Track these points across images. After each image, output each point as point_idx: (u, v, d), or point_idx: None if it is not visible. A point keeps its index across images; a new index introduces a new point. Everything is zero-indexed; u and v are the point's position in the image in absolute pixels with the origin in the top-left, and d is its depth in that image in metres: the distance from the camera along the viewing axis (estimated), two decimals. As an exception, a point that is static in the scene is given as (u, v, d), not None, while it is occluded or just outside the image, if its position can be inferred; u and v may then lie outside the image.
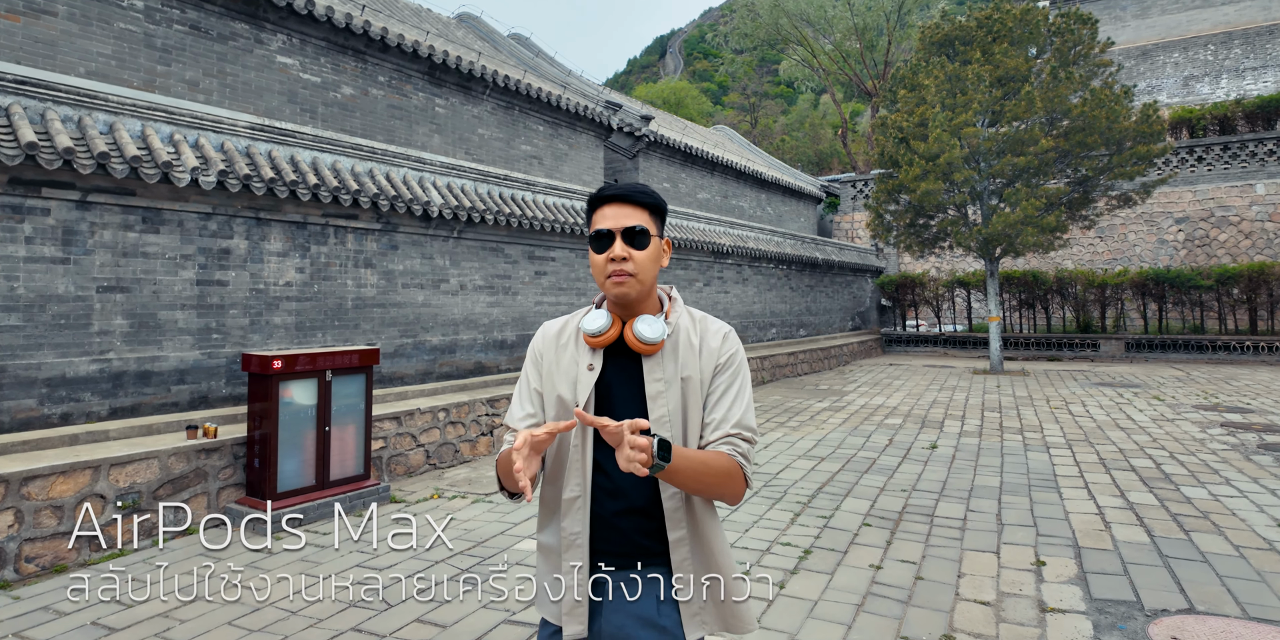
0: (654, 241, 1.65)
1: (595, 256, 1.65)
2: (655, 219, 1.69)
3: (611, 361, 1.67)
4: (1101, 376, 14.61)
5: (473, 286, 8.45)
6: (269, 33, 8.63)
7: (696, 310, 1.78)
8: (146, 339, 5.70)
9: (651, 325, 1.62)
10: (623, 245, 1.61)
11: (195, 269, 6.02)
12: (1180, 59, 23.64)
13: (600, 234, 1.63)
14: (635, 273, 1.61)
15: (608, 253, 1.61)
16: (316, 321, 6.88)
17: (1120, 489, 6.27)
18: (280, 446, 5.47)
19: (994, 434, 8.81)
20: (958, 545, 4.95)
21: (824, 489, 6.32)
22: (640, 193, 1.66)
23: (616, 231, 1.61)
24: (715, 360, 1.67)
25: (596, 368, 1.65)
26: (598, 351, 1.67)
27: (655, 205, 1.68)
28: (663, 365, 1.64)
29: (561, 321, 1.79)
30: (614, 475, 1.61)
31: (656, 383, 1.63)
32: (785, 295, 16.72)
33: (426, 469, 7.04)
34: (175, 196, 5.84)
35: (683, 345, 1.67)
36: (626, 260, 1.60)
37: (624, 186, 1.67)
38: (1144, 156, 13.66)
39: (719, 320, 1.76)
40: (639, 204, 1.66)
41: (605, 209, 1.66)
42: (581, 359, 1.67)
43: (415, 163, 7.85)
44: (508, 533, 5.21)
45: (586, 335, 1.65)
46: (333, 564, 4.64)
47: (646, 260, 1.62)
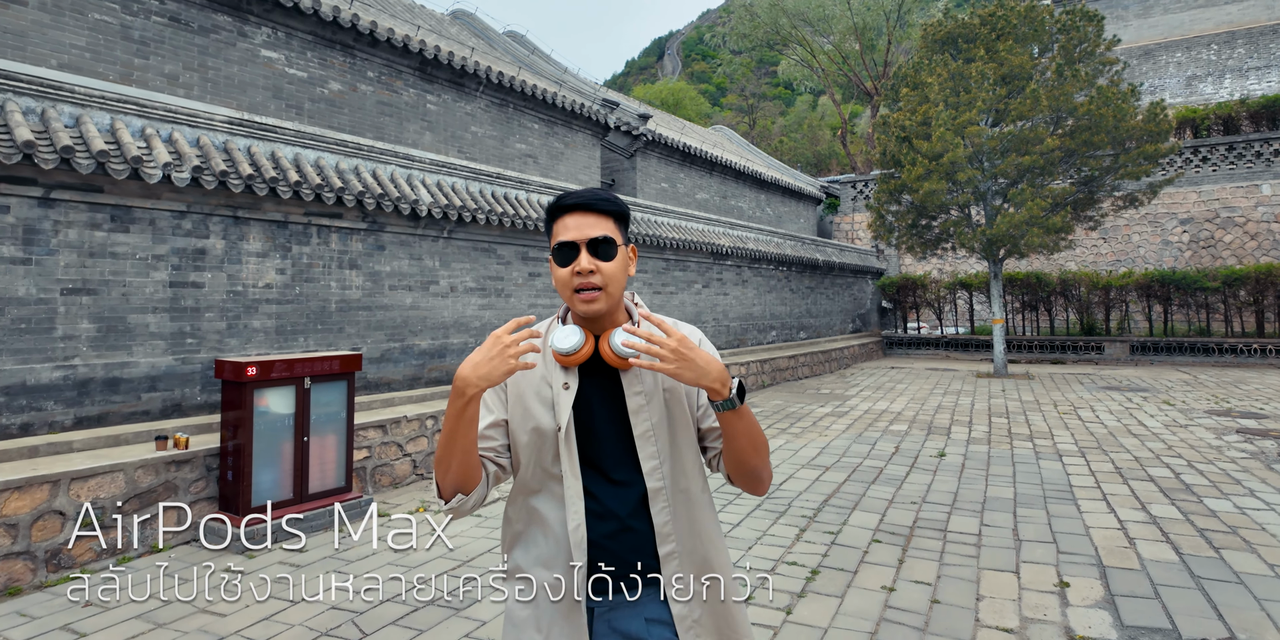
0: (620, 251, 1.55)
1: (559, 270, 1.53)
2: (620, 226, 1.58)
3: (585, 378, 1.57)
4: (1108, 380, 14.34)
5: (464, 288, 8.15)
6: (253, 26, 8.33)
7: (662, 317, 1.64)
8: (115, 344, 5.40)
9: (628, 339, 1.50)
10: (589, 257, 1.50)
11: (168, 270, 5.71)
12: (1183, 59, 23.40)
13: (563, 246, 1.52)
14: (604, 285, 1.51)
15: (573, 266, 1.50)
16: (298, 325, 6.57)
17: (1140, 501, 5.97)
18: (255, 458, 5.16)
19: (1003, 441, 8.52)
20: (974, 564, 4.65)
21: (830, 501, 6.02)
22: (603, 199, 1.55)
23: (581, 243, 1.51)
24: None
25: (573, 386, 1.55)
26: (571, 369, 1.56)
27: (620, 212, 1.58)
28: (641, 378, 1.56)
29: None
30: (602, 497, 1.53)
31: (637, 396, 1.55)
32: (785, 297, 16.44)
33: (413, 479, 6.73)
34: (146, 194, 5.54)
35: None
36: (594, 273, 1.50)
37: (585, 193, 1.55)
38: (1151, 156, 13.40)
39: (688, 324, 1.65)
40: (602, 212, 1.55)
41: (566, 219, 1.55)
42: (554, 378, 1.56)
43: (403, 160, 7.55)
44: (495, 550, 4.90)
45: (559, 354, 1.53)
46: (307, 585, 4.33)
47: (616, 271, 1.53)
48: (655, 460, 1.54)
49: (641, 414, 1.54)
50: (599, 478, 1.52)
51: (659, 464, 1.54)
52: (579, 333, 1.52)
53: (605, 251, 1.51)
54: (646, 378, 1.56)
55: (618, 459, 1.54)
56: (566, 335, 1.51)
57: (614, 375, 1.56)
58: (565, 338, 1.51)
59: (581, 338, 1.52)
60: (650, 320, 1.52)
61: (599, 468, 1.54)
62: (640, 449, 1.54)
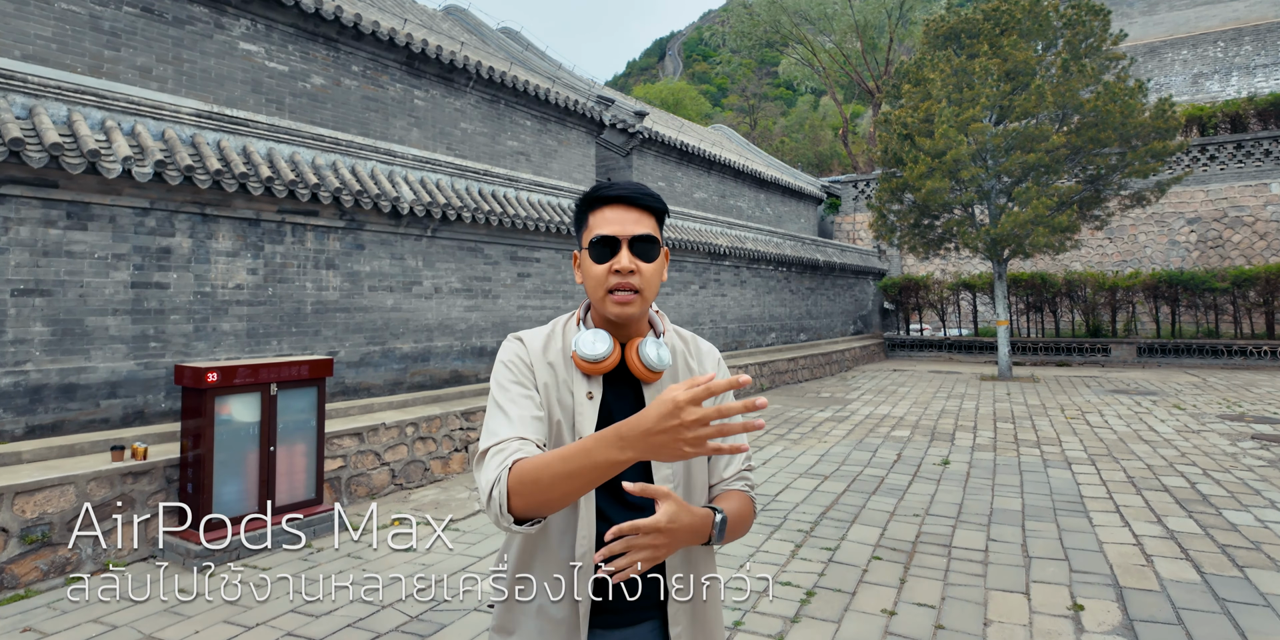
0: (660, 252, 1.45)
1: (594, 267, 1.42)
2: (659, 226, 1.49)
3: (606, 388, 1.47)
4: (1115, 383, 14.00)
5: (449, 289, 7.85)
6: (231, 17, 8.04)
7: (682, 329, 1.62)
8: (71, 348, 5.10)
9: (659, 351, 1.43)
10: (630, 256, 1.39)
11: (130, 270, 5.41)
12: (1189, 56, 23.06)
13: (603, 240, 1.40)
14: (642, 289, 1.41)
15: (611, 263, 1.40)
16: (271, 328, 6.28)
17: (1156, 513, 5.66)
18: (217, 469, 4.86)
19: (1009, 448, 8.20)
20: (981, 583, 4.34)
21: (828, 514, 5.71)
22: (648, 195, 1.45)
23: (624, 240, 1.40)
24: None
25: (597, 396, 1.44)
26: (595, 377, 1.46)
27: (663, 210, 1.49)
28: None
29: (542, 336, 1.52)
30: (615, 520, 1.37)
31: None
32: (785, 298, 16.12)
33: (392, 489, 6.43)
34: (106, 189, 5.25)
35: (681, 370, 1.53)
36: (634, 273, 1.39)
37: (630, 186, 1.44)
38: (1159, 153, 13.07)
39: (705, 341, 1.62)
40: (646, 208, 1.45)
41: (606, 211, 1.43)
42: (576, 385, 1.45)
43: (384, 156, 7.25)
44: (469, 569, 4.60)
45: (583, 361, 1.42)
46: (264, 608, 4.03)
47: (653, 274, 1.43)
48: (670, 484, 1.45)
49: None
50: (611, 498, 1.42)
51: (675, 487, 1.45)
52: (609, 339, 1.42)
53: (646, 251, 1.41)
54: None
55: (632, 479, 1.40)
56: (594, 341, 1.41)
57: (635, 385, 1.47)
58: (593, 343, 1.41)
59: (611, 345, 1.41)
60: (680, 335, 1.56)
61: (612, 487, 1.42)
62: (655, 471, 1.45)
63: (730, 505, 1.42)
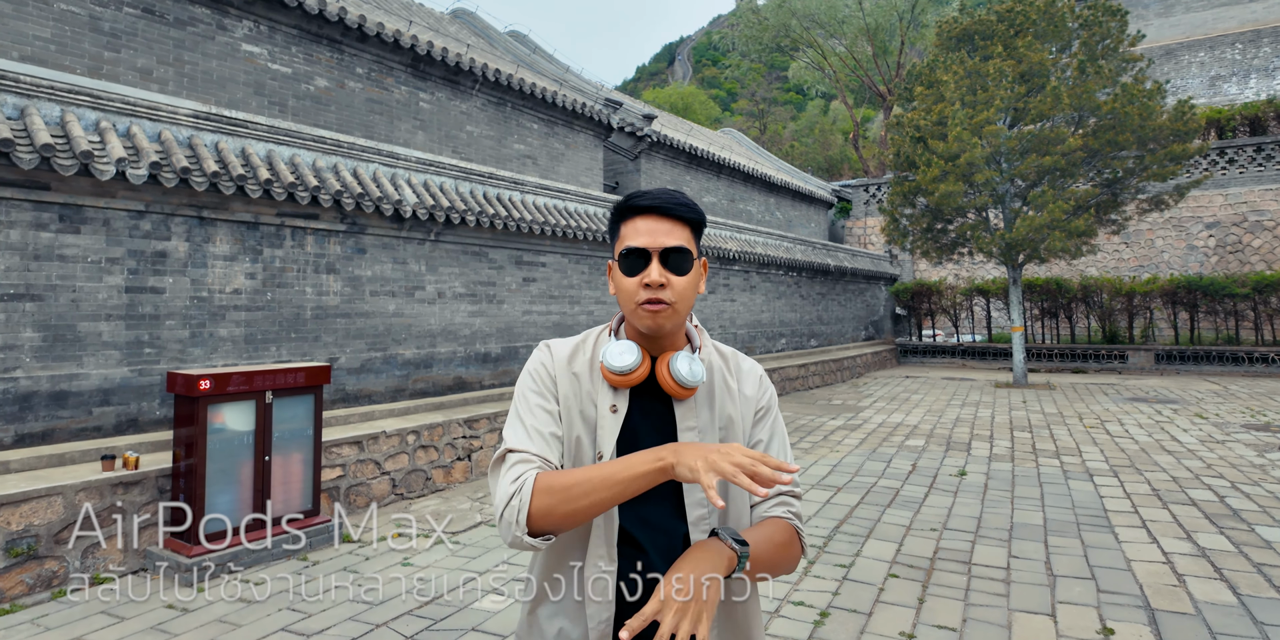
0: (695, 265, 1.39)
1: (624, 280, 1.37)
2: (695, 237, 1.42)
3: (634, 402, 1.40)
4: (1133, 390, 13.71)
5: (452, 294, 7.70)
6: (233, 18, 7.94)
7: (722, 345, 1.55)
8: (63, 354, 4.97)
9: (691, 365, 1.37)
10: (661, 269, 1.34)
11: (124, 274, 5.28)
12: (1206, 58, 22.73)
13: (633, 252, 1.35)
14: (674, 302, 1.34)
15: (641, 276, 1.34)
16: (270, 334, 6.14)
17: (1185, 529, 5.42)
18: (210, 480, 4.71)
19: (1028, 458, 7.96)
20: (1004, 604, 4.13)
21: (842, 528, 5.50)
22: (683, 205, 1.38)
23: (654, 252, 1.34)
24: (755, 406, 1.47)
25: (621, 410, 1.38)
26: (621, 390, 1.39)
27: (698, 221, 1.42)
28: (696, 411, 1.40)
29: (570, 345, 1.47)
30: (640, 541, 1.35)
31: (690, 432, 1.39)
32: (795, 303, 15.91)
33: (392, 499, 6.27)
34: (99, 192, 5.12)
35: (718, 388, 1.45)
36: (664, 287, 1.33)
37: (663, 195, 1.38)
38: (1178, 156, 12.80)
39: (748, 358, 1.55)
40: (680, 218, 1.38)
41: (638, 221, 1.37)
42: (601, 398, 1.39)
43: (387, 158, 7.12)
44: (469, 585, 4.43)
45: (610, 372, 1.36)
46: (255, 626, 3.87)
47: (687, 287, 1.36)
48: (704, 509, 1.36)
49: None
50: (635, 519, 1.35)
51: (707, 514, 1.36)
52: (637, 351, 1.37)
53: (679, 264, 1.35)
54: (702, 411, 1.40)
55: (659, 500, 1.35)
56: (622, 352, 1.36)
57: (665, 401, 1.40)
58: (621, 355, 1.36)
59: (639, 357, 1.36)
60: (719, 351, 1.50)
61: (635, 508, 1.34)
62: (687, 494, 1.36)
63: (760, 535, 1.32)
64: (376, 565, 4.79)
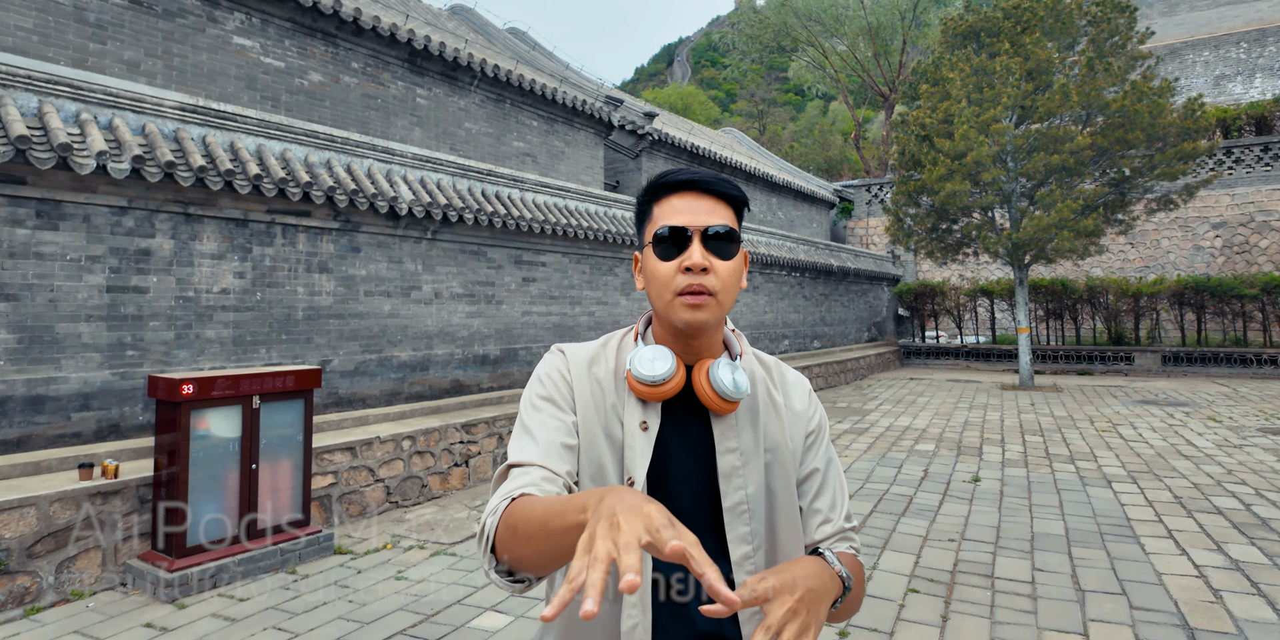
0: (740, 251, 1.19)
1: (659, 265, 1.16)
2: (739, 221, 1.22)
3: (666, 419, 1.19)
4: (1142, 393, 13.50)
5: (449, 294, 7.46)
6: (224, 11, 7.71)
7: (764, 354, 1.34)
8: (40, 357, 4.73)
9: (734, 375, 1.15)
10: (704, 251, 1.14)
11: (106, 273, 5.05)
12: (1211, 57, 22.54)
13: (671, 233, 1.15)
14: (718, 291, 1.14)
15: (680, 259, 1.14)
16: (259, 335, 5.90)
17: (1214, 540, 5.20)
18: (193, 489, 4.47)
19: (1042, 463, 7.74)
20: (1032, 622, 3.90)
21: (856, 538, 5.27)
22: (726, 181, 1.20)
23: (695, 231, 1.15)
24: (805, 426, 1.27)
25: (654, 427, 1.17)
26: (652, 404, 1.18)
27: (743, 202, 1.22)
28: (738, 430, 1.19)
29: (589, 351, 1.26)
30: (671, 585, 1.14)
31: (731, 454, 1.17)
32: (798, 304, 15.69)
33: (387, 508, 6.03)
34: (79, 186, 4.88)
35: (762, 404, 1.24)
36: (708, 272, 1.13)
37: (702, 171, 1.19)
38: (1188, 155, 12.60)
39: (792, 368, 1.35)
40: (724, 196, 1.19)
41: (674, 199, 1.18)
42: (628, 414, 1.17)
43: (382, 154, 6.89)
44: (466, 601, 4.19)
45: (639, 382, 1.15)
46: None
47: (731, 276, 1.16)
48: (749, 545, 1.15)
49: (735, 480, 1.16)
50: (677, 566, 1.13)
51: (752, 551, 1.15)
52: (671, 357, 1.16)
53: (723, 248, 1.15)
54: (744, 430, 1.19)
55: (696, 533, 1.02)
56: (654, 358, 1.15)
57: (703, 417, 1.19)
58: (652, 362, 1.15)
59: (674, 364, 1.15)
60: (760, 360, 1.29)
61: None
62: (729, 528, 1.15)
63: (851, 564, 1.16)
64: (369, 578, 4.56)
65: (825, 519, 1.22)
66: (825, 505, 1.22)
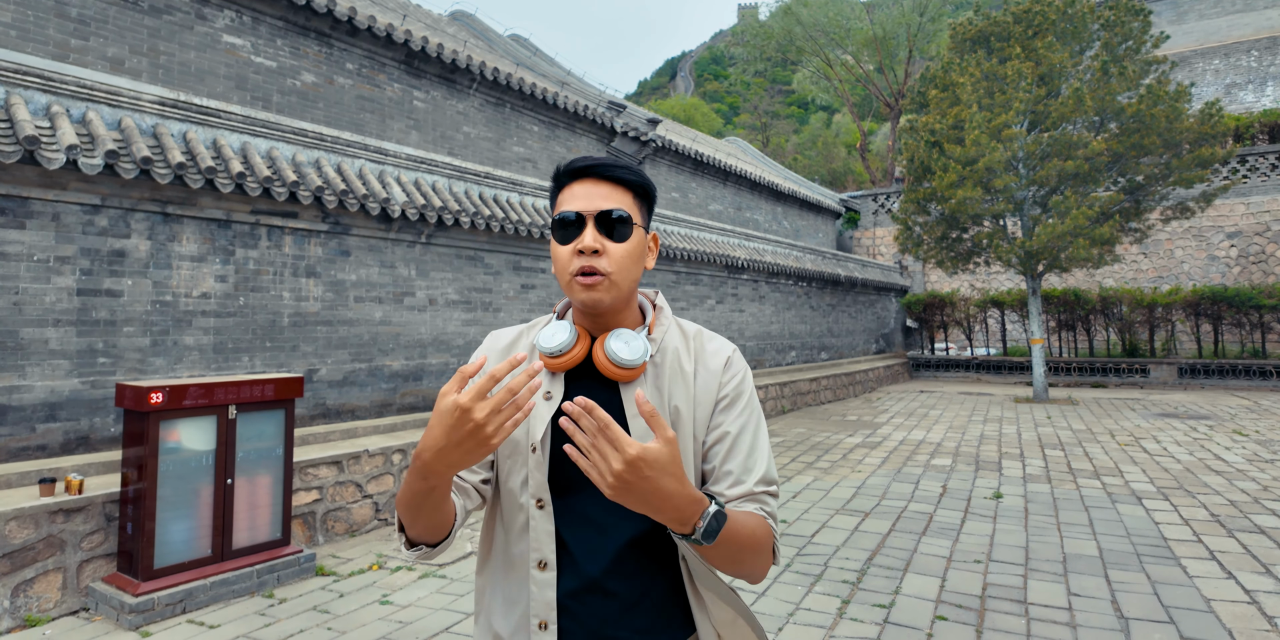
0: (637, 233, 1.23)
1: (558, 250, 1.22)
2: (641, 205, 1.27)
3: (576, 389, 1.23)
4: (1161, 406, 13.11)
5: (445, 301, 7.16)
6: (214, 8, 7.47)
7: (690, 323, 1.35)
8: (1, 364, 4.42)
9: (629, 343, 1.20)
10: (595, 234, 1.19)
11: (76, 275, 4.75)
12: (1221, 66, 22.30)
13: (565, 219, 1.21)
14: (610, 272, 1.19)
15: (574, 243, 1.20)
16: (242, 342, 5.59)
17: (1261, 561, 4.83)
18: (162, 506, 4.14)
19: (1066, 479, 7.37)
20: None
21: (875, 559, 4.91)
22: (621, 167, 1.24)
23: (588, 216, 1.20)
24: (716, 392, 1.25)
25: (556, 397, 1.23)
26: (558, 376, 1.25)
27: (641, 185, 1.26)
28: (646, 396, 1.12)
29: (514, 332, 1.37)
30: (570, 543, 1.20)
31: (640, 419, 1.19)
32: (805, 315, 15.36)
33: (375, 525, 5.69)
34: (48, 182, 4.60)
35: (669, 370, 1.26)
36: (599, 254, 1.18)
37: (599, 159, 1.24)
38: (1207, 160, 12.29)
39: (719, 337, 1.34)
40: (619, 181, 1.23)
41: (575, 186, 1.23)
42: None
43: (375, 154, 6.61)
44: (454, 629, 3.84)
45: (543, 355, 1.23)
46: (200, 682, 3.29)
47: (626, 257, 1.20)
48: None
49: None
50: (575, 520, 1.20)
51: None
52: (569, 329, 1.23)
53: (617, 230, 1.20)
54: (651, 393, 1.23)
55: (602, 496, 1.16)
56: (554, 333, 1.23)
57: (615, 389, 1.23)
58: (552, 335, 1.23)
59: (572, 337, 1.22)
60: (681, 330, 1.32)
61: (573, 503, 1.20)
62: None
63: (735, 515, 1.10)
64: (351, 603, 4.22)
65: (736, 480, 1.20)
66: (737, 467, 1.21)
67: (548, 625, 1.16)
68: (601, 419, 0.94)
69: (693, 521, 1.02)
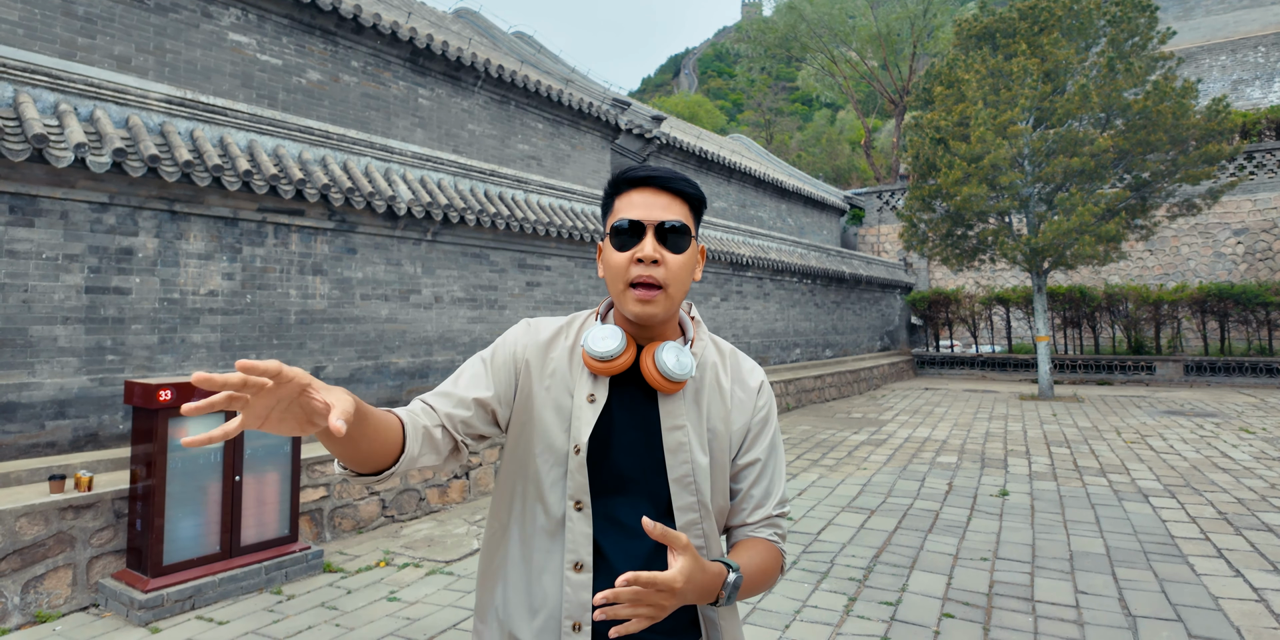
0: (692, 245, 1.25)
1: (614, 255, 1.23)
2: (695, 217, 1.29)
3: (615, 394, 1.25)
4: (1167, 403, 13.08)
5: (450, 298, 7.17)
6: (220, 6, 7.48)
7: (723, 341, 1.40)
8: (11, 361, 4.44)
9: (679, 357, 1.22)
10: (655, 244, 1.21)
11: (84, 273, 4.77)
12: (1228, 62, 22.19)
13: (625, 226, 1.22)
14: (667, 284, 1.20)
15: (633, 251, 1.21)
16: (249, 340, 5.60)
17: (1269, 560, 4.82)
18: (171, 503, 4.16)
19: (1072, 476, 7.36)
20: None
21: (881, 557, 4.92)
22: (682, 179, 1.26)
23: (649, 225, 1.21)
24: (750, 415, 1.31)
25: (600, 400, 1.24)
26: (601, 379, 1.25)
27: (698, 199, 1.29)
28: (684, 409, 1.25)
29: (554, 327, 1.33)
30: (607, 550, 1.21)
31: (678, 431, 1.23)
32: (810, 312, 15.34)
33: (382, 522, 5.71)
34: (56, 181, 4.61)
35: (709, 387, 1.29)
36: (658, 264, 1.20)
37: (661, 169, 1.26)
38: (1214, 157, 12.24)
39: (749, 358, 1.40)
40: (679, 193, 1.26)
41: (633, 195, 1.25)
42: (578, 386, 1.25)
43: (381, 151, 6.62)
44: (462, 626, 3.85)
45: (591, 358, 1.22)
46: (210, 678, 3.31)
47: (681, 268, 1.22)
48: (694, 513, 1.24)
49: (681, 454, 1.23)
50: (607, 524, 1.21)
51: (699, 519, 1.24)
52: (621, 335, 1.23)
53: (675, 242, 1.22)
54: (690, 409, 1.25)
55: (637, 497, 1.22)
56: (605, 336, 1.23)
57: (651, 396, 1.26)
58: (603, 339, 1.22)
59: (622, 343, 1.22)
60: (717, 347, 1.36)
61: (602, 507, 1.22)
62: (676, 497, 1.23)
63: (750, 559, 1.22)
64: (359, 599, 4.23)
65: (759, 504, 1.29)
66: (760, 492, 1.29)
67: (581, 626, 1.17)
68: (646, 582, 0.99)
69: (716, 593, 1.12)
